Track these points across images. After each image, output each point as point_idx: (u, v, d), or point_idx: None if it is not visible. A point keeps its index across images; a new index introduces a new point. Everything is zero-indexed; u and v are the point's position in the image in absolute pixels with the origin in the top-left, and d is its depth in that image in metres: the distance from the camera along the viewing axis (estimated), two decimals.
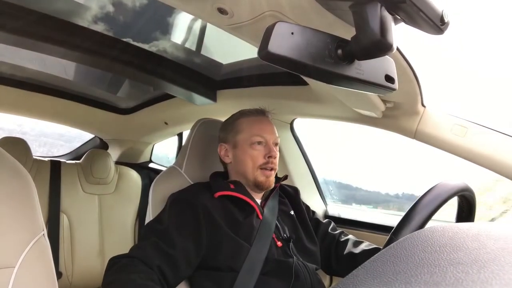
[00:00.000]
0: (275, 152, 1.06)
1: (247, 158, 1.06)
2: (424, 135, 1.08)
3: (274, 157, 1.06)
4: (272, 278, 0.93)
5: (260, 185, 1.06)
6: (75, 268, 1.82)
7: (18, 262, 0.70)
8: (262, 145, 1.06)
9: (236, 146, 1.08)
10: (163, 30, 1.35)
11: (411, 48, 0.73)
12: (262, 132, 1.06)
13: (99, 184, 2.01)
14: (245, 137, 1.07)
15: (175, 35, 1.37)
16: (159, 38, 1.39)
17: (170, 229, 0.92)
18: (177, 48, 1.42)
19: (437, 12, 0.44)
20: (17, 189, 0.77)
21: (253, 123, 1.08)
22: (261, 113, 1.12)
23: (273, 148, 1.06)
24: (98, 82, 1.86)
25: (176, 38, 1.39)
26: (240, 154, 1.07)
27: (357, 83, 0.51)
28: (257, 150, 1.05)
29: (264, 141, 1.06)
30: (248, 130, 1.07)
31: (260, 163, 1.05)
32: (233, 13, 0.64)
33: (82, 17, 1.17)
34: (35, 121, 2.29)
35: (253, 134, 1.06)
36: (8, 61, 1.56)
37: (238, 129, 1.09)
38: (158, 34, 1.37)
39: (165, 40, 1.40)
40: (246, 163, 1.06)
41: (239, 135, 1.08)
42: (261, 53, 0.44)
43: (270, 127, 1.09)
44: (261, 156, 1.05)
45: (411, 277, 0.26)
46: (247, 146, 1.06)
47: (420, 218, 0.73)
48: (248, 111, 1.13)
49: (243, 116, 1.11)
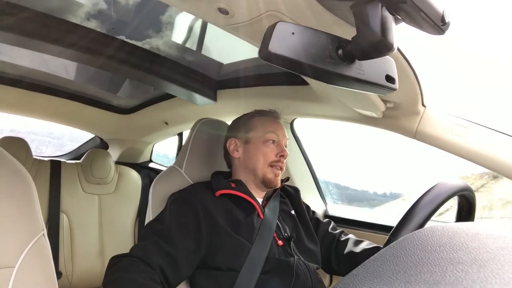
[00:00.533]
0: (286, 152, 1.09)
1: (259, 154, 1.08)
2: (424, 135, 1.08)
3: (285, 157, 1.09)
4: (273, 277, 0.94)
5: (268, 183, 1.08)
6: (75, 268, 1.82)
7: (18, 262, 0.70)
8: (275, 144, 1.09)
9: (248, 142, 1.11)
10: (163, 29, 1.35)
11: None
12: (277, 132, 1.10)
13: (99, 184, 2.01)
14: (260, 135, 1.10)
15: (176, 34, 1.38)
16: (160, 38, 1.39)
17: (171, 229, 0.92)
18: (178, 48, 1.42)
19: (438, 12, 0.44)
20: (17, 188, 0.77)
21: (269, 122, 1.12)
22: (276, 115, 1.17)
23: (284, 148, 1.10)
24: (99, 81, 1.86)
25: (177, 38, 1.39)
26: (252, 149, 1.10)
27: (357, 83, 0.51)
28: (269, 148, 1.08)
29: (277, 140, 1.10)
30: (263, 128, 1.11)
31: (271, 161, 1.08)
32: (233, 13, 0.64)
33: (82, 16, 1.17)
34: (25, 119, 2.29)
35: (268, 132, 1.09)
36: (7, 60, 1.56)
37: (252, 126, 1.12)
38: (159, 34, 1.37)
39: (165, 40, 1.40)
40: (258, 159, 1.08)
41: (253, 132, 1.11)
42: (262, 53, 0.44)
43: (283, 130, 1.13)
44: (273, 154, 1.08)
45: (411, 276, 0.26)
46: (260, 143, 1.09)
47: (420, 218, 0.73)
48: (263, 111, 1.17)
49: (258, 115, 1.15)
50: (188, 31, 1.36)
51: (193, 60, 1.48)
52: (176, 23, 1.31)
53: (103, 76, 1.83)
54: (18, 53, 1.49)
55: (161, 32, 1.36)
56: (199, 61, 1.48)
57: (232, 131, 1.17)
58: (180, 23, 1.31)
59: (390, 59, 0.54)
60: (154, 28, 1.34)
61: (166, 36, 1.39)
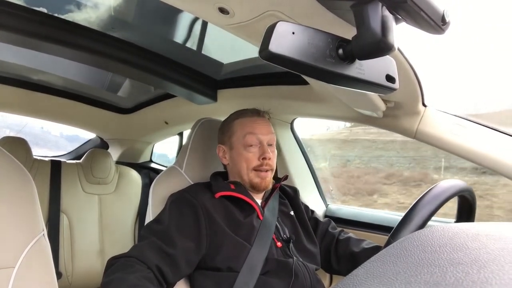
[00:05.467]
0: (269, 153, 1.04)
1: (241, 160, 1.05)
2: (424, 135, 1.08)
3: (269, 158, 1.04)
4: (272, 278, 0.94)
5: (256, 187, 1.05)
6: (75, 268, 1.82)
7: (18, 262, 0.70)
8: (257, 147, 1.05)
9: (232, 148, 1.08)
10: (163, 29, 1.35)
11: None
12: (256, 133, 1.05)
13: (99, 184, 2.00)
14: (239, 139, 1.06)
15: (176, 34, 1.37)
16: (160, 38, 1.39)
17: (170, 229, 0.92)
18: (178, 48, 1.42)
19: (438, 11, 0.44)
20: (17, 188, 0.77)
21: (247, 124, 1.07)
22: (256, 113, 1.10)
23: (267, 149, 1.04)
24: (99, 81, 1.86)
25: (177, 38, 1.39)
26: (235, 156, 1.07)
27: (357, 83, 0.51)
28: (251, 152, 1.04)
29: (258, 142, 1.05)
30: (241, 131, 1.06)
31: (254, 165, 1.04)
32: (234, 12, 0.64)
33: (82, 16, 1.17)
34: (12, 116, 2.30)
35: (246, 136, 1.05)
36: (8, 60, 1.56)
37: (233, 130, 1.08)
38: (159, 34, 1.37)
39: (165, 40, 1.40)
40: (241, 165, 1.05)
41: (234, 137, 1.07)
42: (262, 52, 0.44)
43: (264, 127, 1.07)
44: (255, 158, 1.04)
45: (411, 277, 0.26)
46: (242, 148, 1.05)
47: (419, 219, 0.72)
48: (242, 112, 1.11)
49: (238, 117, 1.10)
50: (188, 30, 1.36)
51: (193, 60, 1.47)
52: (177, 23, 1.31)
53: (104, 76, 1.83)
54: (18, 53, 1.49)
55: (161, 32, 1.36)
56: (200, 61, 1.48)
57: (219, 136, 1.15)
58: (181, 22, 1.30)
59: (391, 58, 0.54)
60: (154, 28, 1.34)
61: (167, 36, 1.39)
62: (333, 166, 2.22)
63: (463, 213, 0.87)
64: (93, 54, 1.24)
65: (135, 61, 1.34)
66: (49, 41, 1.12)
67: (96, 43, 1.22)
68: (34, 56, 1.51)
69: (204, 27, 1.30)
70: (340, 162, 2.32)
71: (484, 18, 1.31)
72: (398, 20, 0.47)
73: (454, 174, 1.80)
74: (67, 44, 1.16)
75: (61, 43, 1.14)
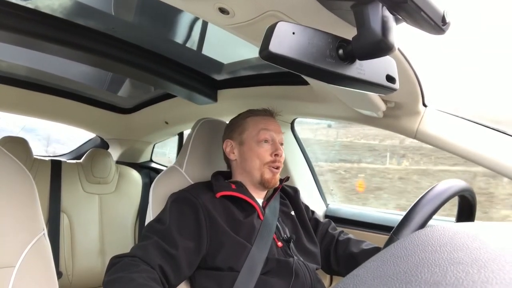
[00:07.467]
0: (281, 151, 1.07)
1: (253, 155, 1.06)
2: (424, 135, 1.08)
3: (280, 155, 1.07)
4: (272, 277, 0.94)
5: (266, 182, 1.06)
6: (76, 267, 1.82)
7: (19, 261, 0.70)
8: (269, 144, 1.07)
9: (242, 143, 1.09)
10: (163, 29, 1.35)
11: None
12: (270, 130, 1.08)
13: (100, 183, 2.00)
14: (252, 135, 1.08)
15: (176, 34, 1.37)
16: (160, 38, 1.39)
17: (171, 229, 0.92)
18: (178, 48, 1.42)
19: (439, 12, 0.44)
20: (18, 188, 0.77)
21: (261, 121, 1.10)
22: (269, 113, 1.14)
23: (279, 146, 1.07)
24: (99, 81, 1.86)
25: (177, 38, 1.39)
26: (247, 151, 1.08)
27: (358, 83, 0.51)
28: (264, 148, 1.06)
29: (271, 139, 1.08)
30: (256, 128, 1.08)
31: (267, 161, 1.06)
32: (234, 12, 0.64)
33: (82, 15, 1.17)
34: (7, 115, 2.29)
35: (261, 131, 1.07)
36: (8, 59, 1.56)
37: (245, 126, 1.10)
38: (159, 34, 1.37)
39: (165, 40, 1.40)
40: (253, 161, 1.06)
41: (246, 133, 1.09)
42: (262, 52, 0.44)
43: (277, 127, 1.11)
44: (267, 154, 1.06)
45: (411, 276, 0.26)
46: (254, 143, 1.07)
47: (421, 217, 0.73)
48: (256, 110, 1.15)
49: (250, 115, 1.13)
50: (188, 30, 1.36)
51: (194, 60, 1.47)
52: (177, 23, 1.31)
53: (104, 76, 1.83)
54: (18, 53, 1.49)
55: (161, 32, 1.36)
56: (200, 61, 1.48)
57: (227, 132, 1.16)
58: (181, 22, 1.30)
59: (391, 59, 0.54)
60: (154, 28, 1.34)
61: (167, 36, 1.39)
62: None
63: (463, 213, 0.87)
64: (93, 54, 1.23)
65: (135, 61, 1.34)
66: (49, 41, 1.12)
67: (96, 43, 1.22)
68: (34, 56, 1.51)
69: (204, 27, 1.30)
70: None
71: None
72: (398, 20, 0.47)
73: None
74: (67, 44, 1.16)
75: (61, 43, 1.14)
